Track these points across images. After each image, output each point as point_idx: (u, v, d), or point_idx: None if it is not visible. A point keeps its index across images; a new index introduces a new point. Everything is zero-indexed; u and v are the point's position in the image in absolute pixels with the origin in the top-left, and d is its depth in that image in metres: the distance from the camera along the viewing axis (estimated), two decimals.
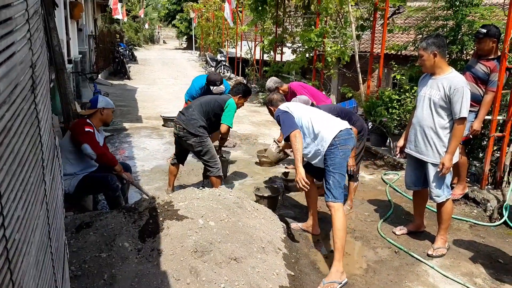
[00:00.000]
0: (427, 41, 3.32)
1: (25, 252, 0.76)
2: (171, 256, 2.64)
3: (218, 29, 20.61)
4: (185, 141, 4.20)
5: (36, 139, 0.92)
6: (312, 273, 3.17)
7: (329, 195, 3.17)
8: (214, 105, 4.30)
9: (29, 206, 0.82)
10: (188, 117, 4.20)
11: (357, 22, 7.55)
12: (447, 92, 3.23)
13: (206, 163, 4.28)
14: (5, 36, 0.71)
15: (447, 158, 3.25)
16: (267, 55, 12.37)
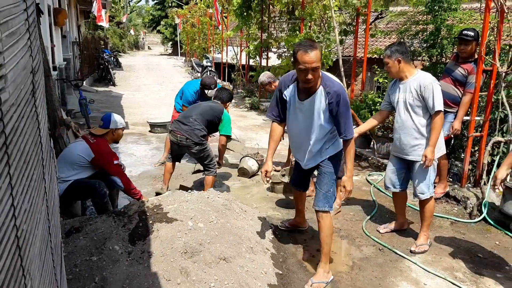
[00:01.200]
0: (390, 49, 3.46)
1: (31, 242, 0.82)
2: (161, 257, 2.69)
3: (203, 34, 20.69)
4: (189, 150, 4.38)
5: (37, 139, 0.98)
6: (300, 271, 3.25)
7: (326, 203, 3.05)
8: (212, 115, 4.49)
9: (33, 200, 0.88)
10: (191, 127, 4.33)
11: (341, 27, 7.71)
12: (418, 91, 3.37)
13: (205, 165, 4.47)
14: (12, 45, 0.77)
15: (429, 150, 3.36)
16: (253, 60, 12.47)
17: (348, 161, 2.96)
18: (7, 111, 0.70)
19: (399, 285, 3.11)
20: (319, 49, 2.71)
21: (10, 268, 0.66)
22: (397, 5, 11.88)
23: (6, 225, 0.67)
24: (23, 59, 0.85)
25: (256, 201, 4.67)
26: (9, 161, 0.71)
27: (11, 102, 0.73)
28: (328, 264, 3.11)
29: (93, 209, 4.24)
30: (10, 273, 0.66)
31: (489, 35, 4.54)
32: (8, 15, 0.74)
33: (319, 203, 3.07)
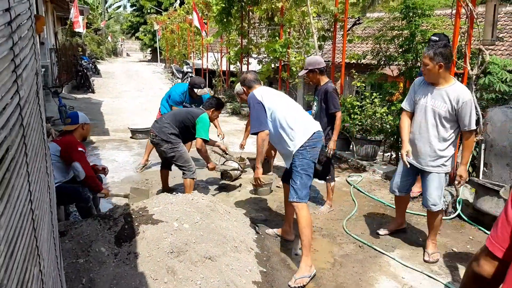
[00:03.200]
0: (434, 51, 3.17)
1: (42, 227, 0.89)
2: (148, 258, 2.74)
3: (183, 40, 20.71)
4: (159, 148, 4.42)
5: (42, 135, 1.05)
6: (283, 269, 3.35)
7: (295, 195, 3.23)
8: (186, 117, 4.48)
9: (41, 190, 0.95)
10: (161, 124, 4.42)
11: (319, 33, 7.90)
12: (454, 105, 3.19)
13: (180, 167, 4.46)
14: (24, 47, 0.84)
15: (463, 170, 3.30)
16: (233, 66, 12.59)
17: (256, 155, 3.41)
18: (23, 106, 0.78)
19: (379, 280, 3.23)
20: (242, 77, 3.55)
21: (30, 245, 0.73)
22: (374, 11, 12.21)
23: (26, 207, 0.74)
24: (31, 61, 0.92)
25: (240, 203, 4.75)
26: (26, 150, 0.78)
27: (25, 99, 0.80)
28: (309, 257, 3.18)
29: (76, 214, 4.25)
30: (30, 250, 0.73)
31: (460, 40, 4.76)
32: (21, 21, 0.81)
33: (290, 196, 3.29)
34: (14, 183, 0.69)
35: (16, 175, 0.71)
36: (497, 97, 5.36)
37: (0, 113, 0.65)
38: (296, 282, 3.07)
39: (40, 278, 0.84)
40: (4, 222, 0.60)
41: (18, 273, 0.68)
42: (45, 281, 0.89)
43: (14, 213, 0.68)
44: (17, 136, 0.73)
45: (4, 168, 0.64)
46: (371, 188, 5.18)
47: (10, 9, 0.71)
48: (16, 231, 0.68)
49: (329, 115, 4.27)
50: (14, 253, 0.66)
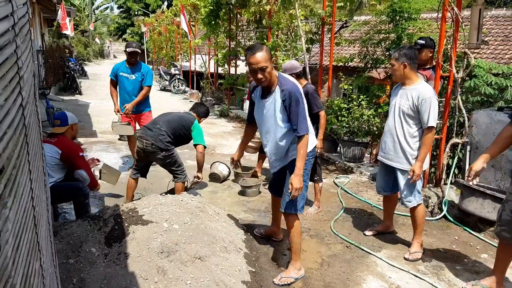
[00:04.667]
0: (399, 52, 3.41)
1: (41, 223, 0.92)
2: (138, 258, 2.76)
3: (171, 43, 20.67)
4: (155, 156, 4.37)
5: (39, 135, 1.08)
6: (272, 269, 3.39)
7: (292, 207, 3.11)
8: (181, 124, 4.50)
9: (40, 188, 0.98)
10: (157, 132, 4.35)
11: (307, 36, 7.99)
12: (415, 102, 3.35)
13: (174, 171, 4.48)
14: (24, 50, 0.87)
15: (417, 166, 3.37)
16: (221, 68, 12.63)
17: (298, 159, 2.94)
18: (25, 107, 0.81)
19: (366, 279, 3.30)
20: (265, 50, 2.86)
21: (32, 240, 0.76)
22: (361, 15, 12.37)
23: (29, 203, 0.77)
24: (30, 62, 0.95)
25: (228, 204, 4.79)
26: (28, 149, 0.81)
27: (26, 99, 0.83)
28: (298, 262, 3.23)
29: (65, 215, 4.25)
30: (32, 245, 0.76)
31: (446, 43, 4.88)
32: (22, 23, 0.84)
33: (282, 207, 3.15)
34: (20, 180, 0.72)
35: (21, 172, 0.74)
36: (482, 100, 5.49)
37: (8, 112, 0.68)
38: (281, 280, 3.11)
39: (41, 273, 0.87)
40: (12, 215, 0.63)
41: (23, 266, 0.71)
42: (45, 276, 0.92)
43: (19, 209, 0.71)
44: (21, 135, 0.76)
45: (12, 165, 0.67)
46: (358, 190, 5.26)
47: (13, 13, 0.73)
48: (21, 225, 0.71)
49: (313, 115, 4.30)
50: (20, 247, 0.69)
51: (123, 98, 6.00)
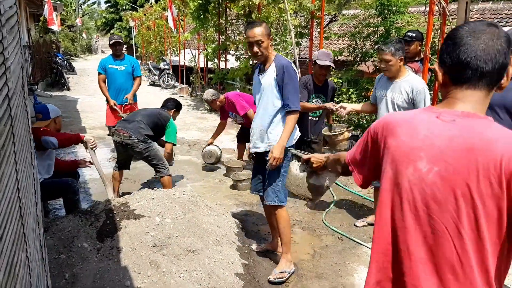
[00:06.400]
0: (394, 47, 3.38)
1: (28, 215, 0.92)
2: (130, 252, 2.76)
3: (159, 37, 20.50)
4: (132, 149, 4.30)
5: (27, 127, 1.07)
6: (264, 261, 3.41)
7: (275, 198, 3.10)
8: (159, 119, 4.52)
9: (27, 180, 0.97)
10: (135, 125, 4.32)
11: (296, 30, 7.99)
12: (409, 94, 3.42)
13: (155, 166, 4.42)
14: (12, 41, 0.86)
15: None
16: (211, 63, 12.57)
17: (284, 130, 2.97)
18: (11, 97, 0.80)
19: (357, 269, 3.33)
20: (264, 26, 2.94)
21: (17, 231, 0.76)
22: (350, 9, 12.39)
23: (14, 194, 0.77)
24: (17, 54, 0.94)
25: (220, 198, 4.79)
26: (14, 140, 0.80)
27: (12, 90, 0.82)
28: (289, 254, 3.21)
29: (55, 211, 4.22)
30: (18, 235, 0.75)
31: (433, 36, 4.91)
32: (10, 14, 0.83)
33: (268, 198, 3.13)
34: (4, 170, 0.72)
35: (6, 163, 0.73)
36: None
37: None
38: (276, 276, 3.11)
39: (27, 264, 0.87)
40: None
41: (7, 256, 0.71)
42: (32, 267, 0.92)
43: (3, 199, 0.70)
44: (6, 126, 0.76)
45: None
46: (348, 182, 5.30)
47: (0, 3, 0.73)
48: (5, 216, 0.70)
49: None
50: (4, 237, 0.68)
51: (115, 90, 5.99)
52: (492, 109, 2.80)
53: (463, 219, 1.07)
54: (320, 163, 1.83)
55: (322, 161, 1.82)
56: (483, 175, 1.04)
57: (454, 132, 1.11)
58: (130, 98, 5.97)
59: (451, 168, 1.09)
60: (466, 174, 1.07)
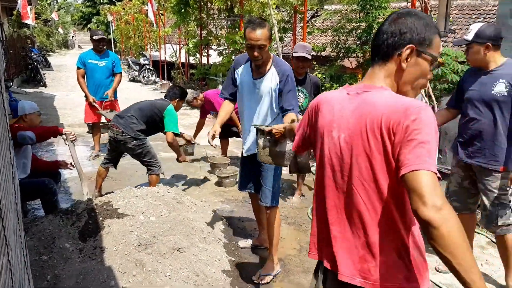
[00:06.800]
0: None
1: (8, 217, 0.85)
2: (114, 252, 2.68)
3: (139, 32, 20.14)
4: (124, 145, 4.17)
5: (5, 124, 1.00)
6: (251, 258, 3.38)
7: (272, 199, 3.01)
8: (153, 111, 4.31)
9: (7, 180, 0.91)
10: (127, 120, 4.19)
11: (279, 25, 7.95)
12: None
13: (147, 163, 4.30)
14: None
15: None
16: (193, 58, 12.43)
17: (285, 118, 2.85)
18: None
19: None
20: (267, 28, 2.75)
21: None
22: (332, 3, 12.42)
23: None
24: None
25: (205, 195, 4.73)
26: None
27: None
28: (276, 256, 3.14)
29: (34, 211, 4.08)
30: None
31: None
32: None
33: (266, 200, 3.02)
34: None
35: None
36: (450, 87, 5.63)
37: None
38: (260, 278, 3.05)
39: (9, 268, 0.81)
40: None
41: None
42: (13, 271, 0.86)
43: None
44: None
45: None
46: None
47: None
48: None
49: None
50: None
51: (94, 86, 5.85)
52: (473, 104, 2.84)
53: (364, 173, 1.29)
54: (280, 132, 2.15)
55: (282, 131, 2.14)
56: (371, 134, 1.26)
57: (355, 104, 1.34)
58: (111, 95, 5.83)
59: (351, 132, 1.32)
60: (359, 136, 1.29)
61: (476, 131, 2.81)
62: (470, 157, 2.88)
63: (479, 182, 2.90)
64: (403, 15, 1.35)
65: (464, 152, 2.92)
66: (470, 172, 2.98)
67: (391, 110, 1.23)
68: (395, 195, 1.26)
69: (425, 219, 1.09)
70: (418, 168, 1.12)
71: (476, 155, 2.84)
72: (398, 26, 1.33)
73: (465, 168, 2.99)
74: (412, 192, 1.12)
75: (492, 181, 2.79)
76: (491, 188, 2.81)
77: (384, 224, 1.30)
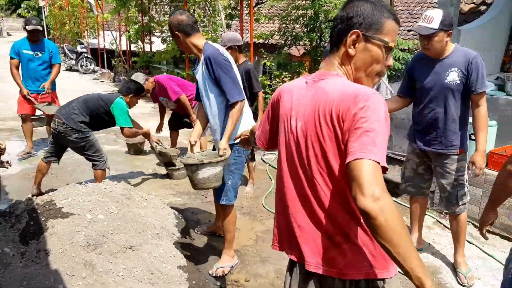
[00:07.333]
0: None
1: None
2: (61, 254, 2.49)
3: (75, 18, 18.99)
4: (65, 137, 3.91)
5: None
6: (208, 251, 3.32)
7: (224, 197, 2.90)
8: (98, 103, 4.05)
9: None
10: (69, 111, 3.93)
11: (226, 11, 7.81)
12: None
13: (91, 157, 4.05)
14: None
15: None
16: (134, 45, 11.94)
17: (227, 125, 2.70)
18: None
19: None
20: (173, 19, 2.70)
21: None
22: None
23: None
24: None
25: (156, 189, 4.57)
26: None
27: None
28: (232, 250, 3.09)
29: None
30: None
31: None
32: None
33: (217, 198, 2.96)
34: None
35: None
36: (392, 74, 5.84)
37: None
38: (217, 271, 2.99)
39: None
40: None
41: None
42: None
43: None
44: None
45: None
46: None
47: None
48: None
49: (251, 94, 4.18)
50: None
51: (30, 78, 5.40)
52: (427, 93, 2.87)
53: (320, 161, 1.28)
54: (245, 136, 2.04)
55: (247, 135, 2.03)
56: (323, 121, 1.25)
57: (311, 92, 1.33)
58: (48, 87, 5.40)
59: (306, 120, 1.31)
60: (313, 123, 1.28)
61: (432, 119, 2.89)
62: (428, 145, 2.96)
63: (437, 166, 3.00)
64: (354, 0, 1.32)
65: (421, 140, 2.99)
66: (425, 159, 3.08)
67: (341, 97, 1.22)
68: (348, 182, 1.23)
69: (363, 209, 1.08)
70: (360, 157, 1.11)
71: (433, 142, 2.93)
72: (346, 11, 1.31)
73: (420, 154, 3.09)
74: (353, 181, 1.12)
75: (451, 164, 2.90)
76: (449, 171, 2.91)
77: (345, 212, 1.29)
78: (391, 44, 1.30)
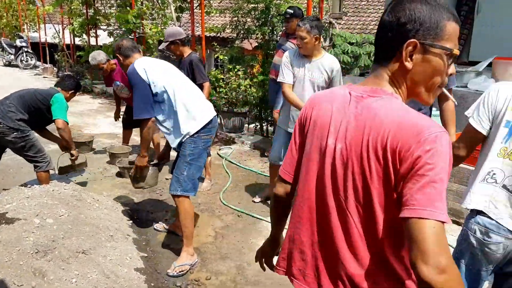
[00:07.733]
0: (310, 23, 3.22)
1: None
2: (7, 262, 2.32)
3: (12, 10, 17.83)
4: (3, 138, 3.61)
5: None
6: (165, 251, 3.22)
7: (179, 187, 2.89)
8: (36, 98, 3.79)
9: None
10: (5, 109, 3.63)
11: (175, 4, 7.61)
12: (329, 74, 3.36)
13: (32, 158, 3.78)
14: None
15: None
16: (79, 39, 11.40)
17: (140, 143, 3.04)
18: None
19: (260, 244, 3.31)
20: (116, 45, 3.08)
21: None
22: None
23: None
24: None
25: (107, 189, 4.38)
26: None
27: None
28: (191, 247, 3.01)
29: None
30: None
31: (312, 13, 5.09)
32: None
33: (171, 187, 2.94)
34: None
35: None
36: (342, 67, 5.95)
37: None
38: (175, 270, 2.89)
39: None
40: None
41: None
42: None
43: None
44: None
45: None
46: (242, 159, 5.31)
47: None
48: None
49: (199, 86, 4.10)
50: None
51: None
52: None
53: (360, 197, 1.08)
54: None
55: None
56: (372, 153, 1.04)
57: (358, 110, 1.10)
58: None
59: (349, 145, 1.09)
60: (359, 152, 1.07)
61: None
62: None
63: None
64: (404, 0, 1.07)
65: None
66: None
67: (400, 129, 1.01)
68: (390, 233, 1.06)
69: (426, 280, 0.92)
70: (425, 216, 0.94)
71: None
72: (396, 16, 1.06)
73: None
74: (413, 243, 0.95)
75: None
76: None
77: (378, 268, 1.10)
78: (455, 52, 1.07)
